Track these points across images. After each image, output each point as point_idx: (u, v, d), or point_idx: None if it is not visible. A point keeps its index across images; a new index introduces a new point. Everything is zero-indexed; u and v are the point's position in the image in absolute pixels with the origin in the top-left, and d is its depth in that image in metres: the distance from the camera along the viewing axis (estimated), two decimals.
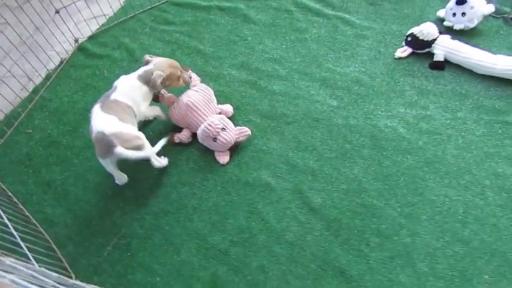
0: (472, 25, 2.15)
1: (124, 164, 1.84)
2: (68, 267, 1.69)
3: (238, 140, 1.92)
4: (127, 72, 1.96)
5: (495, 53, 2.01)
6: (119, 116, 1.73)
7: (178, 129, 2.03)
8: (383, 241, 1.63)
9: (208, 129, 1.86)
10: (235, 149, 1.95)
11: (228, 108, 2.06)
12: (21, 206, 1.87)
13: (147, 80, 1.87)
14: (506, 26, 2.20)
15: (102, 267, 1.69)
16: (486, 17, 2.20)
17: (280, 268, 1.61)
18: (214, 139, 1.87)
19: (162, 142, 1.88)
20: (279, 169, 1.88)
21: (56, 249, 1.73)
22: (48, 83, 2.39)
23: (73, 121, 2.20)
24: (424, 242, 1.60)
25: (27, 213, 1.84)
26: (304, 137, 1.97)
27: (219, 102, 2.10)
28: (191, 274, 1.63)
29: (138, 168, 1.94)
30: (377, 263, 1.58)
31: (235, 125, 1.99)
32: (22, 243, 1.53)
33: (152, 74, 1.85)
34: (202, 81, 2.15)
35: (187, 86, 2.07)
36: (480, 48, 2.04)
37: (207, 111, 1.96)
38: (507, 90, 1.98)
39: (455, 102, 1.98)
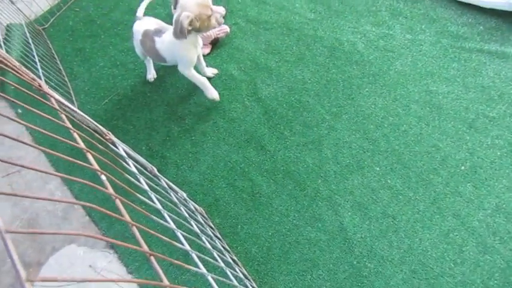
0: None
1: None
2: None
3: (218, 35, 2.27)
4: None
5: None
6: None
7: None
8: (304, 130, 1.91)
9: None
10: (216, 44, 2.31)
11: (219, 9, 2.39)
12: (58, 61, 2.52)
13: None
14: None
15: (98, 113, 2.26)
16: None
17: (217, 135, 2.01)
18: None
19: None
20: (245, 64, 2.21)
21: (73, 95, 2.35)
22: None
23: (108, 6, 2.76)
24: (337, 136, 1.86)
25: (61, 67, 2.49)
26: (275, 42, 2.24)
27: (217, 4, 2.44)
28: (154, 128, 2.12)
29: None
30: (292, 145, 1.89)
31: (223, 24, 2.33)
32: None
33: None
34: None
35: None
36: None
37: None
38: (479, 19, 1.98)
39: (421, 26, 2.05)
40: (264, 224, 1.72)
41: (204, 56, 2.30)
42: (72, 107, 1.07)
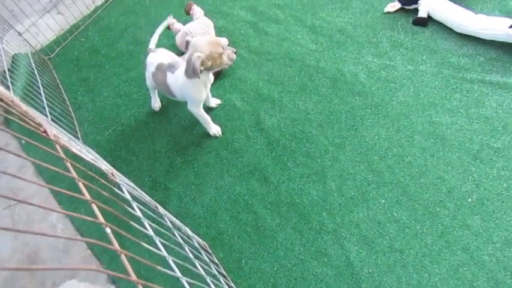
0: None
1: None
2: (80, 139, 2.30)
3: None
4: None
5: (476, 13, 2.03)
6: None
7: (181, 54, 2.48)
8: (307, 161, 1.91)
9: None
10: (219, 74, 2.34)
11: (223, 40, 2.41)
12: (63, 91, 2.55)
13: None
14: None
15: (101, 144, 2.26)
16: None
17: (220, 167, 2.00)
18: None
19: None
20: (247, 95, 2.22)
21: (76, 125, 2.36)
22: (105, 5, 3.03)
23: (113, 37, 2.81)
24: (341, 167, 1.85)
25: (65, 97, 2.51)
26: (278, 72, 2.27)
27: (220, 36, 2.49)
28: (157, 159, 2.12)
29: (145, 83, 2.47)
30: (296, 176, 1.87)
31: None
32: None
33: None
34: (210, 17, 2.52)
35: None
36: (464, 7, 2.06)
37: None
38: (479, 50, 2.01)
39: (422, 56, 2.07)
40: (269, 259, 1.68)
41: None
42: (76, 149, 1.07)
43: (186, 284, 0.88)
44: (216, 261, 1.66)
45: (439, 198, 1.68)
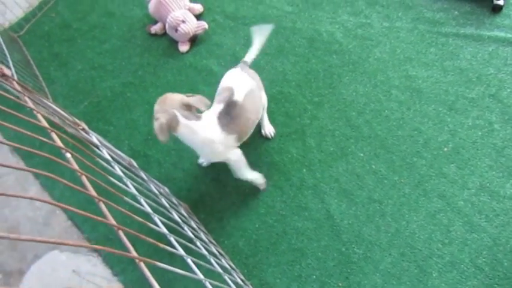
0: None
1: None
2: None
3: (196, 32, 2.26)
4: None
5: None
6: None
7: (155, 22, 2.42)
8: (286, 120, 1.90)
9: (171, 21, 2.22)
10: (194, 40, 2.29)
11: (197, 6, 2.38)
12: (35, 67, 2.47)
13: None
14: None
15: (77, 116, 2.20)
16: None
17: None
18: (176, 30, 2.23)
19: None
20: (224, 60, 2.19)
21: (51, 100, 2.29)
22: None
23: (84, 10, 2.71)
24: (320, 124, 1.85)
25: (37, 73, 2.43)
26: None
27: (195, 2, 2.43)
28: (135, 127, 2.08)
29: (120, 54, 2.40)
30: (275, 136, 1.87)
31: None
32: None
33: None
34: None
35: None
36: None
37: (175, 7, 2.30)
38: (454, 4, 2.01)
39: (398, 13, 2.07)
40: (250, 217, 1.69)
41: (183, 53, 2.28)
42: (44, 100, 1.04)
43: (174, 242, 0.87)
44: (197, 220, 1.66)
45: (415, 149, 1.70)
